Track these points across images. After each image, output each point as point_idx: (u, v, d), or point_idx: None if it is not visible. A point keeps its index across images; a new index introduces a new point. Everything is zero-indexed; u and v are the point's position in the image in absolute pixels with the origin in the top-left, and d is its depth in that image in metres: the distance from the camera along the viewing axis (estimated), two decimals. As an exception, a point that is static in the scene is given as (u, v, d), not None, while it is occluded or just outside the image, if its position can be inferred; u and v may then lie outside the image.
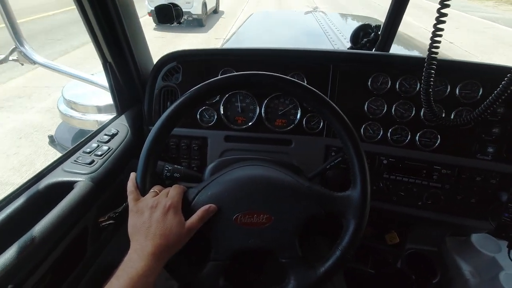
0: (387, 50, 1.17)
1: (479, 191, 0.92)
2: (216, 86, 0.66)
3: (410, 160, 0.95)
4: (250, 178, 0.64)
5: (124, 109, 1.07)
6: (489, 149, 0.91)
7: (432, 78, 0.72)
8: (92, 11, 0.86)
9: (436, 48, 0.68)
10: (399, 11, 1.06)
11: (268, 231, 0.60)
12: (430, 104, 0.76)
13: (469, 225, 0.96)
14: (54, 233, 0.65)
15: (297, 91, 0.66)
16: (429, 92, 0.74)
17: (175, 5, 0.96)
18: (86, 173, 0.80)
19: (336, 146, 0.98)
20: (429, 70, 0.71)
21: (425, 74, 0.72)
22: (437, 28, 0.64)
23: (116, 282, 0.50)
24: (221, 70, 1.00)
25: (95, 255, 0.86)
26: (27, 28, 6.67)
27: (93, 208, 0.79)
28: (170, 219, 0.56)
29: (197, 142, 1.02)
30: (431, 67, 0.70)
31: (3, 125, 3.40)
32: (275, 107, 1.00)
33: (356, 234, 0.60)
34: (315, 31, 2.32)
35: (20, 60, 1.14)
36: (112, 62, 0.98)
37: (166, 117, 0.63)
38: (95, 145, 0.89)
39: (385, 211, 0.99)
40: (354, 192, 0.62)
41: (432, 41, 0.67)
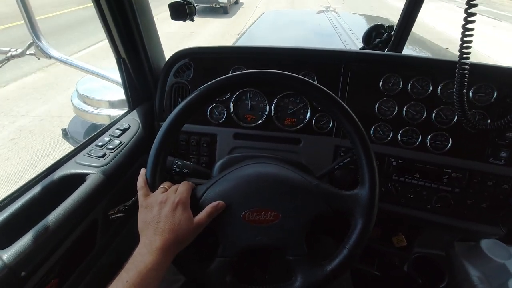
0: (400, 51, 1.16)
1: (490, 196, 0.90)
2: (226, 83, 0.66)
3: (420, 162, 0.94)
4: (258, 175, 0.65)
5: (136, 105, 1.09)
6: (502, 153, 0.89)
7: (465, 80, 0.70)
8: (108, 8, 0.88)
9: (468, 48, 0.66)
10: (413, 11, 1.04)
11: (276, 229, 0.60)
12: (463, 107, 0.73)
13: (479, 230, 0.94)
14: (66, 224, 0.67)
15: (307, 90, 0.66)
16: (463, 94, 0.72)
17: (189, 3, 0.97)
18: (98, 165, 0.81)
19: (345, 147, 0.97)
20: (462, 71, 0.69)
21: (458, 76, 0.70)
22: (466, 28, 0.63)
23: (125, 275, 0.51)
24: (232, 68, 1.01)
25: (104, 247, 0.87)
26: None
27: (104, 201, 0.81)
28: (179, 214, 0.57)
29: (207, 138, 1.03)
30: (464, 67, 0.68)
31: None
32: (285, 106, 1.01)
33: (364, 233, 0.59)
34: (327, 31, 2.30)
35: (37, 54, 1.17)
36: (125, 58, 1.00)
37: (176, 114, 0.64)
38: (107, 139, 0.91)
39: (393, 213, 0.98)
40: (362, 191, 0.61)
41: (462, 42, 0.65)
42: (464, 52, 0.65)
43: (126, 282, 0.50)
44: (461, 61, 0.67)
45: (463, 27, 0.61)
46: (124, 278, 0.50)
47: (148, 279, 0.51)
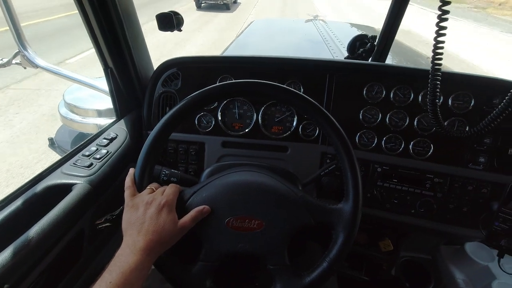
0: (383, 60, 1.20)
1: (471, 200, 0.93)
2: (214, 93, 0.68)
3: (404, 168, 0.96)
4: (245, 183, 0.66)
5: (123, 114, 1.09)
6: (480, 159, 0.92)
7: (438, 89, 0.73)
8: (95, 18, 0.88)
9: (439, 59, 0.69)
10: (394, 24, 1.08)
11: (258, 237, 0.61)
12: (436, 115, 0.76)
13: (462, 233, 0.97)
14: (50, 235, 0.66)
15: (292, 100, 0.68)
16: (436, 103, 0.74)
17: (176, 13, 0.98)
18: (84, 175, 0.81)
19: (331, 153, 0.99)
20: (435, 82, 0.71)
21: (430, 85, 0.73)
22: (438, 41, 0.66)
23: (108, 276, 0.51)
24: (220, 77, 1.03)
25: (90, 258, 0.86)
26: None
27: (90, 211, 0.80)
28: (164, 216, 0.58)
29: (195, 147, 1.03)
30: (436, 78, 0.71)
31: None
32: (271, 114, 1.02)
33: (344, 247, 0.61)
34: (315, 40, 2.35)
35: (23, 63, 1.16)
36: (113, 67, 1.00)
37: (167, 119, 0.65)
38: (94, 148, 0.91)
39: (378, 218, 1.00)
40: (346, 206, 0.63)
41: (434, 53, 0.68)
42: (436, 63, 0.68)
43: (109, 283, 0.50)
44: (433, 72, 0.70)
45: (435, 40, 0.65)
46: (107, 279, 0.50)
47: (132, 280, 0.51)
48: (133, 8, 1.00)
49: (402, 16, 1.08)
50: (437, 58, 0.67)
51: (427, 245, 1.32)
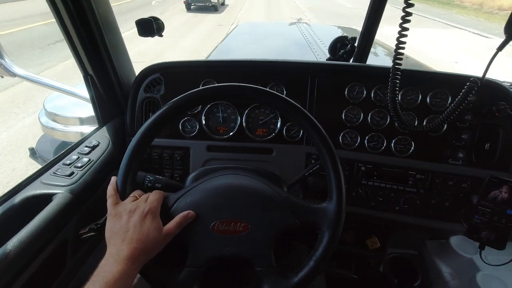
0: (364, 61, 1.22)
1: (452, 195, 0.96)
2: (196, 97, 0.68)
3: (387, 166, 0.98)
4: (229, 186, 0.66)
5: (106, 121, 1.07)
6: (459, 154, 0.95)
7: (397, 87, 0.76)
8: (72, 24, 0.87)
9: (400, 60, 0.72)
10: (373, 24, 1.11)
11: (244, 240, 0.61)
12: (396, 111, 0.80)
13: (445, 228, 0.99)
14: (30, 247, 0.65)
15: (274, 102, 0.68)
16: (395, 100, 0.78)
17: (156, 19, 0.98)
18: (65, 185, 0.79)
19: (315, 154, 1.00)
20: (394, 80, 0.75)
21: (390, 84, 0.76)
22: (400, 41, 0.69)
23: (91, 287, 0.50)
24: (202, 82, 1.02)
25: (74, 269, 0.84)
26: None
27: (73, 220, 0.79)
28: (148, 224, 0.57)
29: (180, 152, 1.03)
30: (396, 77, 0.74)
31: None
32: (255, 117, 1.03)
33: (330, 246, 0.61)
34: (299, 42, 2.37)
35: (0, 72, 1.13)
36: (93, 74, 0.99)
37: (149, 125, 0.65)
38: (75, 157, 0.89)
39: (364, 216, 1.01)
40: (330, 205, 0.63)
41: (395, 53, 0.71)
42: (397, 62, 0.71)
43: None
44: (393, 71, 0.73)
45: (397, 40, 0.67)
46: None
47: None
48: (111, 13, 0.99)
49: (381, 17, 1.10)
50: (398, 58, 0.70)
51: (413, 241, 1.34)
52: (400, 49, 0.68)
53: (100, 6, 0.91)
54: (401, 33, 0.66)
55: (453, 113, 0.75)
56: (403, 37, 0.66)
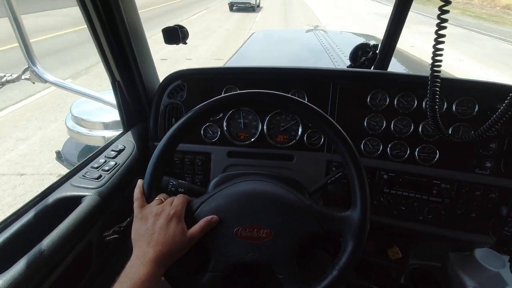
0: (386, 68, 1.21)
1: (479, 206, 0.93)
2: (220, 104, 0.69)
3: (410, 174, 0.96)
4: (252, 192, 0.66)
5: (130, 126, 1.10)
6: (487, 164, 0.92)
7: (437, 96, 0.74)
8: (103, 33, 0.91)
9: (438, 66, 0.70)
10: (395, 32, 1.10)
11: (267, 246, 0.61)
12: (436, 121, 0.77)
13: (471, 239, 0.96)
14: (61, 247, 0.67)
15: (297, 109, 0.69)
16: (435, 109, 0.75)
17: (181, 27, 1.01)
18: (93, 187, 0.82)
19: (337, 162, 1.00)
20: (434, 88, 0.73)
21: (429, 92, 0.74)
22: (437, 48, 0.67)
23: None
24: (224, 88, 1.04)
25: (99, 270, 0.86)
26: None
27: (99, 222, 0.81)
28: (173, 227, 0.58)
29: (201, 157, 1.04)
30: (435, 85, 0.72)
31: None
32: (277, 123, 1.03)
33: (354, 255, 0.60)
34: (316, 49, 2.38)
35: (32, 79, 1.18)
36: (120, 80, 1.02)
37: (174, 130, 0.66)
38: (102, 160, 0.92)
39: (386, 225, 1.00)
40: (354, 213, 0.63)
41: (433, 60, 0.69)
42: (435, 70, 0.69)
43: None
44: (432, 79, 0.71)
45: (434, 47, 0.66)
46: None
47: None
48: (139, 22, 1.02)
49: (403, 25, 1.10)
50: (436, 65, 0.69)
51: (436, 252, 1.30)
52: (438, 56, 0.67)
53: (130, 16, 0.95)
54: (437, 40, 0.65)
55: (496, 124, 0.72)
56: (440, 43, 0.65)
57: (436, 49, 0.66)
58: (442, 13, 0.62)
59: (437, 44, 0.66)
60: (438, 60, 0.68)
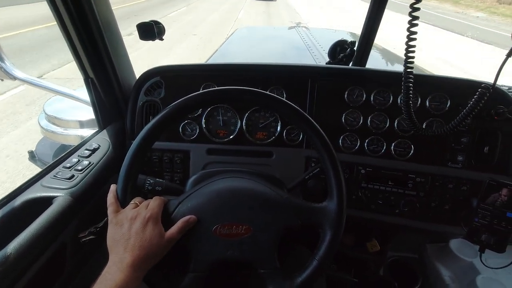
0: (364, 65, 1.23)
1: (452, 198, 0.96)
2: (197, 100, 0.68)
3: (386, 169, 0.98)
4: (230, 189, 0.66)
5: (106, 124, 1.07)
6: (459, 157, 0.96)
7: (411, 91, 0.75)
8: (73, 27, 0.87)
9: (411, 63, 0.72)
10: (373, 28, 1.11)
11: (247, 242, 0.61)
12: (410, 115, 0.79)
13: (445, 231, 0.99)
14: (30, 250, 0.64)
15: (274, 105, 0.69)
16: (409, 104, 0.77)
17: (157, 23, 0.98)
18: (65, 188, 0.79)
19: (315, 157, 1.01)
20: (407, 84, 0.74)
21: (403, 88, 0.76)
22: (409, 45, 0.69)
23: None
24: (203, 85, 1.03)
25: (74, 272, 0.84)
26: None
27: (73, 224, 0.78)
28: (150, 230, 0.57)
29: (180, 155, 1.03)
30: (409, 81, 0.74)
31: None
32: (255, 120, 1.03)
33: (333, 244, 0.61)
34: (298, 46, 2.39)
35: (0, 76, 1.13)
36: (94, 77, 0.99)
37: (148, 130, 0.65)
38: (75, 160, 0.89)
39: (364, 219, 1.01)
40: (331, 204, 0.64)
41: (406, 57, 0.71)
42: (408, 66, 0.71)
43: None
44: (406, 75, 0.73)
45: (406, 44, 0.67)
46: None
47: None
48: (112, 16, 0.99)
49: (380, 21, 1.11)
50: (409, 61, 0.70)
51: (413, 244, 1.34)
52: (410, 52, 0.68)
53: (101, 8, 0.91)
54: (409, 37, 0.66)
55: (466, 118, 0.75)
56: (412, 40, 0.66)
57: (408, 46, 0.68)
58: (413, 11, 0.63)
59: (409, 41, 0.67)
60: (410, 57, 0.70)
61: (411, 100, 0.77)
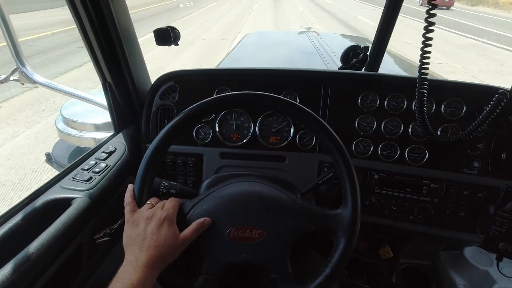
0: (376, 70, 1.23)
1: (467, 205, 0.94)
2: (211, 105, 0.69)
3: (400, 175, 0.98)
4: (244, 193, 0.66)
5: (121, 127, 1.10)
6: (475, 163, 0.94)
7: (425, 97, 0.75)
8: (94, 34, 0.90)
9: (426, 69, 0.72)
10: (386, 34, 1.12)
11: (260, 246, 0.61)
12: (424, 121, 0.78)
13: (460, 238, 0.98)
14: (50, 250, 0.66)
15: (289, 110, 0.69)
16: (423, 110, 0.77)
17: (173, 28, 1.00)
18: (84, 189, 0.81)
19: (328, 162, 1.00)
20: (422, 90, 0.74)
21: (417, 94, 0.75)
22: (424, 51, 0.69)
23: None
24: (217, 90, 1.04)
25: (89, 272, 0.85)
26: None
27: (89, 225, 0.80)
28: (165, 230, 0.58)
29: (193, 159, 1.04)
30: (423, 87, 0.74)
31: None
32: (269, 125, 1.04)
33: (346, 252, 0.61)
34: (309, 51, 2.39)
35: (21, 80, 1.16)
36: (111, 82, 1.02)
37: (165, 132, 0.66)
38: (93, 162, 0.91)
39: (377, 225, 1.00)
40: (345, 211, 0.63)
41: (421, 63, 0.71)
42: (423, 72, 0.71)
43: None
44: (420, 81, 0.72)
45: (421, 50, 0.67)
46: None
47: None
48: (130, 23, 1.02)
49: (393, 27, 1.11)
50: (424, 67, 0.70)
51: (427, 251, 1.32)
52: (425, 58, 0.68)
53: (120, 16, 0.94)
54: (425, 43, 0.66)
55: (482, 125, 0.74)
56: (428, 46, 0.66)
57: (423, 52, 0.68)
58: (429, 17, 0.63)
59: (425, 47, 0.67)
60: (425, 63, 0.70)
61: (425, 107, 0.76)
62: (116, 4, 0.91)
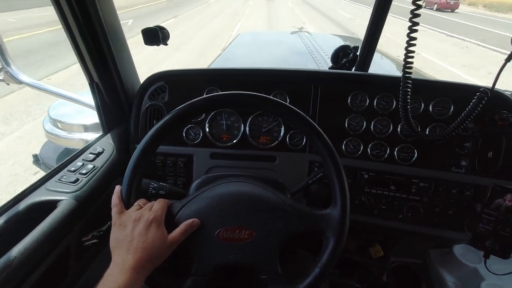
0: (366, 70, 1.23)
1: (456, 203, 0.96)
2: (200, 105, 0.68)
3: (390, 174, 0.98)
4: (233, 194, 0.66)
5: (110, 128, 1.08)
6: (462, 162, 0.95)
7: (408, 96, 0.76)
8: (79, 32, 0.88)
9: (410, 68, 0.73)
10: (375, 34, 1.12)
11: (250, 247, 0.61)
12: (408, 120, 0.80)
13: (449, 236, 0.99)
14: (35, 253, 0.64)
15: (278, 110, 0.69)
16: (407, 109, 0.78)
17: (162, 28, 0.99)
18: (70, 191, 0.79)
19: (318, 162, 1.01)
20: (405, 89, 0.75)
21: (401, 93, 0.76)
22: (408, 50, 0.69)
23: None
24: (206, 90, 1.03)
25: (77, 276, 0.84)
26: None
27: (76, 227, 0.79)
28: (153, 232, 0.57)
29: (183, 159, 1.03)
30: (407, 85, 0.75)
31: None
32: (259, 125, 1.04)
33: (335, 252, 0.61)
34: (301, 51, 2.40)
35: (6, 80, 1.14)
36: (98, 82, 1.00)
37: (153, 133, 0.65)
38: (80, 163, 0.89)
39: (367, 224, 1.01)
40: (334, 211, 0.63)
41: (405, 62, 0.72)
42: (407, 71, 0.71)
43: None
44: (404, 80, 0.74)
45: (406, 49, 0.68)
46: None
47: None
48: (118, 21, 1.00)
49: (382, 26, 1.12)
50: (408, 66, 0.71)
51: (417, 250, 1.34)
52: (409, 58, 0.69)
53: (107, 15, 0.93)
54: (409, 42, 0.67)
55: (464, 122, 0.75)
56: (412, 46, 0.67)
57: (408, 51, 0.68)
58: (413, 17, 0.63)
59: (408, 46, 0.68)
60: (409, 62, 0.70)
61: (409, 105, 0.77)
62: (102, 2, 0.90)
